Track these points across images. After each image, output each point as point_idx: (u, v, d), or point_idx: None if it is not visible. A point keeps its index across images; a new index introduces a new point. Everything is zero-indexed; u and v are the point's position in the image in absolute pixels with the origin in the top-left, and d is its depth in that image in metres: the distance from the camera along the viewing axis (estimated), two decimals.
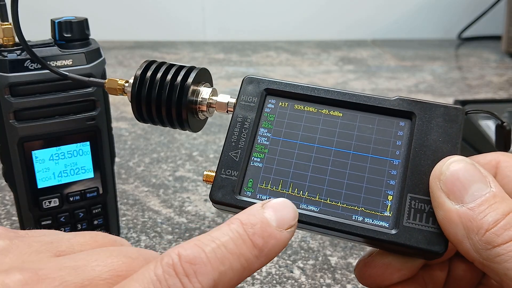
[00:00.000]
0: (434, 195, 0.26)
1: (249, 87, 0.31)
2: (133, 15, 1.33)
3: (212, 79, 0.36)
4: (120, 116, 0.81)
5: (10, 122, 0.38)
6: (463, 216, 0.24)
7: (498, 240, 0.23)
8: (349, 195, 0.28)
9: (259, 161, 0.30)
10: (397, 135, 0.29)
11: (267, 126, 0.31)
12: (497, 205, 0.24)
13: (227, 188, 0.29)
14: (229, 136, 0.30)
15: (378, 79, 1.03)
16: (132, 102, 0.34)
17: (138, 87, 0.34)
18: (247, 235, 0.23)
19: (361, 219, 0.28)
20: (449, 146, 0.28)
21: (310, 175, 0.29)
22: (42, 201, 0.41)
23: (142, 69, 0.34)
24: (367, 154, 0.29)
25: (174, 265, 0.21)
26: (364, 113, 0.30)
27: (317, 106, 0.31)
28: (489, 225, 0.23)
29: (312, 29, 1.38)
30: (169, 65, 0.35)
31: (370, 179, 0.28)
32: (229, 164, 0.30)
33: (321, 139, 0.30)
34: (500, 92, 0.97)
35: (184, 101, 0.33)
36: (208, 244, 0.22)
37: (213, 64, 1.12)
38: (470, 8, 1.35)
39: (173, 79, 0.34)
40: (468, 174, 0.25)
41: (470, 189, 0.24)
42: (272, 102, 0.31)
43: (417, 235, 0.26)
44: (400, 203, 0.27)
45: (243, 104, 0.31)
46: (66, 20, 0.40)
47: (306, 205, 0.28)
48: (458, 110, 0.29)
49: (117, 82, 0.36)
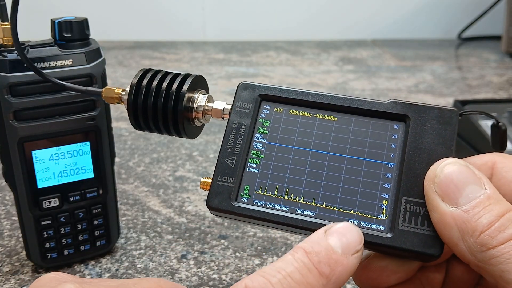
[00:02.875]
0: (428, 198, 0.26)
1: (244, 93, 0.32)
2: (133, 15, 1.33)
3: (207, 86, 0.37)
4: (120, 116, 0.81)
5: (10, 122, 0.38)
6: (458, 218, 0.24)
7: (492, 242, 0.23)
8: (345, 199, 0.28)
9: (255, 167, 0.30)
10: (391, 138, 0.29)
11: (262, 132, 0.31)
12: (492, 207, 0.24)
13: (223, 194, 0.29)
14: (225, 142, 0.31)
15: (378, 79, 1.03)
16: (128, 111, 0.35)
17: (134, 95, 0.34)
18: (313, 263, 0.22)
19: (357, 223, 0.28)
20: (444, 149, 0.28)
21: (306, 180, 0.29)
22: (42, 201, 0.41)
23: (138, 78, 0.35)
24: (362, 158, 0.29)
25: None
26: (359, 116, 0.30)
27: (311, 111, 0.31)
28: (483, 227, 0.23)
29: (312, 29, 1.38)
30: (165, 73, 0.35)
31: (365, 183, 0.28)
32: (225, 171, 0.30)
33: (316, 143, 0.30)
34: (500, 92, 0.97)
35: (180, 108, 0.33)
36: (274, 275, 0.22)
37: (213, 64, 1.12)
38: (470, 8, 1.35)
39: (169, 86, 0.34)
40: (462, 176, 0.25)
41: (464, 191, 0.24)
42: (267, 107, 0.31)
43: (413, 238, 0.26)
44: (395, 207, 0.27)
45: (238, 111, 0.31)
46: (66, 20, 0.40)
47: (302, 210, 0.29)
48: (452, 112, 0.29)
49: (114, 91, 0.36)
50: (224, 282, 0.43)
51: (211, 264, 0.45)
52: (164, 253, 0.47)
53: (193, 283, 0.43)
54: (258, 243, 0.49)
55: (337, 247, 0.23)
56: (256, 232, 0.50)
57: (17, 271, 0.44)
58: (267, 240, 0.49)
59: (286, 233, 0.50)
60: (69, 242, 0.43)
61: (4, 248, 0.47)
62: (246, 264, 0.46)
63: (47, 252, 0.43)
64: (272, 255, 0.47)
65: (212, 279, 0.44)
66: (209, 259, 0.46)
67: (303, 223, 0.28)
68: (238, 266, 0.45)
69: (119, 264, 0.45)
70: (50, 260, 0.43)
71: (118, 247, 0.48)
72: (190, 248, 0.48)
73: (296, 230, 0.28)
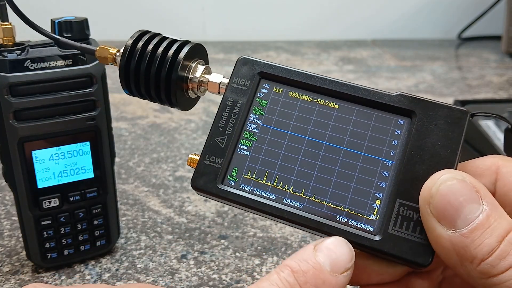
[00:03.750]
0: (424, 219, 0.24)
1: (243, 69, 0.29)
2: (133, 15, 1.33)
3: (207, 57, 0.34)
4: (120, 116, 0.81)
5: (10, 122, 0.38)
6: (456, 243, 0.22)
7: (494, 271, 0.22)
8: (336, 194, 0.27)
9: (246, 149, 0.28)
10: (394, 134, 0.27)
11: (258, 112, 0.29)
12: (492, 229, 0.22)
13: (210, 175, 0.28)
14: (217, 120, 0.29)
15: (378, 79, 1.03)
16: (120, 73, 0.32)
17: (128, 58, 0.32)
18: (299, 284, 0.21)
19: (345, 221, 0.26)
20: (448, 152, 0.26)
21: (298, 169, 0.27)
22: (42, 201, 0.41)
23: (134, 39, 0.32)
24: (360, 152, 0.27)
25: None
26: (362, 107, 0.28)
27: (313, 95, 0.29)
28: (484, 255, 0.22)
29: (312, 29, 1.38)
30: (162, 38, 0.33)
31: (360, 179, 0.27)
32: (214, 151, 0.28)
33: (313, 131, 0.28)
34: (500, 92, 0.97)
35: (174, 77, 0.31)
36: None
37: (213, 64, 1.12)
38: (470, 8, 1.35)
39: (165, 52, 0.31)
40: (460, 195, 0.23)
41: (462, 212, 0.23)
42: (266, 87, 0.29)
43: (402, 244, 0.25)
44: (388, 208, 0.26)
45: (234, 87, 0.29)
46: (66, 20, 0.40)
47: (289, 201, 0.27)
48: (462, 113, 0.26)
49: (109, 50, 0.34)
50: (224, 282, 0.43)
51: (211, 264, 0.45)
52: (164, 253, 0.47)
53: (193, 283, 0.43)
54: (258, 243, 0.49)
55: (326, 265, 0.22)
56: (256, 232, 0.50)
57: (17, 271, 0.44)
58: (267, 240, 0.49)
59: (285, 228, 0.50)
60: (69, 242, 0.43)
61: (4, 248, 0.47)
62: (246, 264, 0.46)
63: (47, 252, 0.43)
64: (272, 255, 0.47)
65: (212, 279, 0.44)
66: (209, 259, 0.46)
67: (288, 214, 0.27)
68: (238, 266, 0.45)
69: (119, 264, 0.45)
70: (50, 260, 0.43)
71: (118, 247, 0.48)
72: (190, 248, 0.48)
73: (281, 221, 0.27)
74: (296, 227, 0.27)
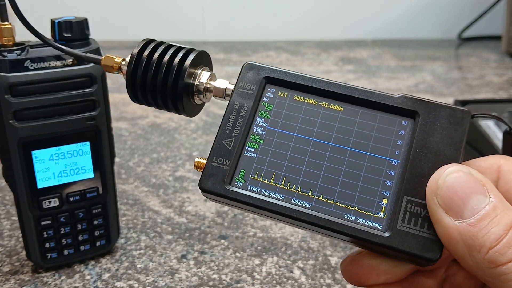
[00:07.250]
0: (431, 211, 0.25)
1: (249, 74, 0.30)
2: (133, 15, 1.33)
3: (211, 63, 0.35)
4: (120, 116, 0.81)
5: (10, 122, 0.38)
6: (464, 233, 0.23)
7: (502, 259, 0.22)
8: (343, 193, 0.27)
9: (253, 151, 0.29)
10: (398, 134, 0.28)
11: (264, 115, 0.30)
12: (499, 219, 0.23)
13: (217, 177, 0.28)
14: (224, 123, 0.29)
15: (378, 79, 1.03)
16: (127, 82, 0.33)
17: (134, 66, 0.33)
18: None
19: (353, 219, 0.27)
20: (452, 150, 0.27)
21: (305, 169, 0.28)
22: (42, 201, 0.41)
23: (140, 48, 0.33)
24: (366, 152, 0.28)
25: None
26: (366, 109, 0.29)
27: (317, 98, 0.29)
28: (491, 243, 0.22)
29: (312, 29, 1.38)
30: (168, 46, 0.33)
31: (366, 178, 0.27)
32: (221, 152, 0.29)
33: (319, 133, 0.29)
34: (500, 92, 0.97)
35: (180, 84, 0.32)
36: None
37: (213, 64, 1.12)
38: (470, 8, 1.35)
39: (171, 60, 0.32)
40: (466, 186, 0.24)
41: (469, 203, 0.23)
42: (272, 91, 0.30)
43: (411, 240, 0.25)
44: (396, 205, 0.26)
45: (241, 91, 0.30)
46: (66, 20, 0.40)
47: (298, 201, 0.28)
48: (464, 113, 0.27)
49: (114, 59, 0.35)
50: (224, 282, 0.43)
51: (211, 264, 0.45)
52: (164, 253, 0.47)
53: (193, 283, 0.43)
54: (258, 243, 0.49)
55: None
56: (256, 232, 0.50)
57: (17, 271, 0.44)
58: (267, 240, 0.49)
59: (285, 228, 0.50)
60: (69, 242, 0.43)
61: (4, 248, 0.47)
62: (246, 264, 0.46)
63: (47, 252, 0.43)
64: (272, 255, 0.47)
65: (212, 279, 0.44)
66: (209, 259, 0.46)
67: (297, 213, 0.27)
68: (238, 266, 0.45)
69: (119, 264, 0.45)
70: (50, 260, 0.43)
71: (118, 247, 0.48)
72: (190, 248, 0.48)
73: (289, 220, 0.27)
74: (305, 227, 0.28)
